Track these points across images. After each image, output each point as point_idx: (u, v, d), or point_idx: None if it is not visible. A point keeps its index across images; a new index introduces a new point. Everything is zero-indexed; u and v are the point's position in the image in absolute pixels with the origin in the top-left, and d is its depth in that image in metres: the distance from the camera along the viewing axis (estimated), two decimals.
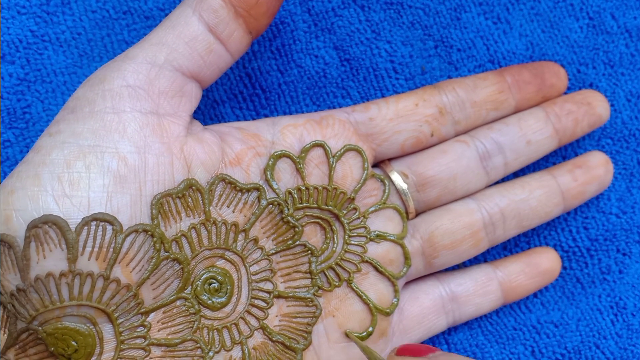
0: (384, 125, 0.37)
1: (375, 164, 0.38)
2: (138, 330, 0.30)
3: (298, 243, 0.34)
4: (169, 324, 0.31)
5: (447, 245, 0.37)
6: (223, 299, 0.32)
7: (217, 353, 0.32)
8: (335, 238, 0.35)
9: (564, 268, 0.42)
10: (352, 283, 0.35)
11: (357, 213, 0.35)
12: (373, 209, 0.36)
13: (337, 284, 0.35)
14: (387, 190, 0.36)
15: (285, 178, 0.34)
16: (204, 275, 0.32)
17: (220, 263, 0.33)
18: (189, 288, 0.31)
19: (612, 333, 0.42)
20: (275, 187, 0.34)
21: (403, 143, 0.37)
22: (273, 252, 0.34)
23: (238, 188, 0.33)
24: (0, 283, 0.28)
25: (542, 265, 0.40)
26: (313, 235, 0.35)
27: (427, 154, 0.38)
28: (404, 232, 0.36)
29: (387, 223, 0.36)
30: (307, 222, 0.35)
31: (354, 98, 0.41)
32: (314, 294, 0.34)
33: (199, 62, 0.32)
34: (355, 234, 0.35)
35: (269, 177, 0.34)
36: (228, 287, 0.32)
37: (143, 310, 0.30)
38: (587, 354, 0.41)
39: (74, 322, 0.29)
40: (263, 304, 0.33)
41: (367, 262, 0.35)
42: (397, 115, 0.37)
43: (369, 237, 0.35)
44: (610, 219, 0.42)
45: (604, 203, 0.42)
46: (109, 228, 0.29)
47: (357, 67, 0.40)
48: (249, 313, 0.33)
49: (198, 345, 0.31)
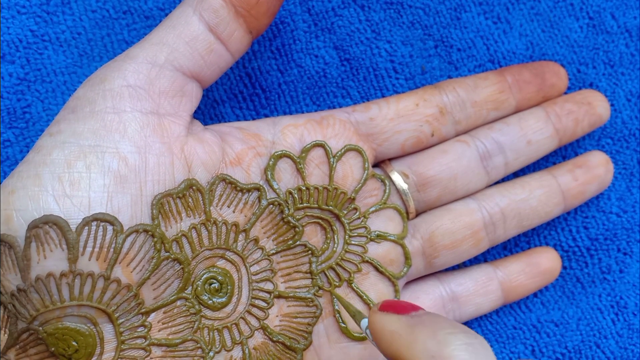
0: (385, 125, 0.36)
1: (376, 164, 0.38)
2: (138, 331, 0.30)
3: (298, 243, 0.34)
4: (170, 324, 0.31)
5: (447, 245, 0.37)
6: (223, 299, 0.32)
7: (217, 353, 0.32)
8: (336, 238, 0.35)
9: (564, 267, 0.42)
10: (352, 283, 0.35)
11: (357, 213, 0.35)
12: (373, 209, 0.36)
13: (337, 284, 0.35)
14: (387, 190, 0.36)
15: (286, 178, 0.34)
16: (205, 276, 0.32)
17: (221, 263, 0.33)
18: (190, 288, 0.31)
19: (612, 332, 0.42)
20: (276, 187, 0.34)
21: (403, 143, 0.37)
22: (273, 252, 0.34)
23: (238, 188, 0.33)
24: (1, 283, 0.28)
25: (542, 265, 0.40)
26: (313, 236, 0.35)
27: (427, 154, 0.38)
28: (405, 232, 0.36)
29: (387, 223, 0.36)
30: (307, 222, 0.35)
31: (354, 98, 0.41)
32: (315, 294, 0.34)
33: (200, 61, 0.32)
34: (356, 234, 0.35)
35: (270, 177, 0.34)
36: (228, 287, 0.32)
37: (143, 311, 0.30)
38: (587, 354, 0.41)
39: (75, 322, 0.29)
40: (263, 304, 0.33)
41: (367, 262, 0.35)
42: (397, 115, 0.37)
43: (370, 237, 0.35)
44: (611, 219, 0.42)
45: (604, 202, 0.42)
46: (110, 228, 0.29)
47: (357, 66, 0.40)
48: (250, 313, 0.33)
49: (198, 346, 0.31)
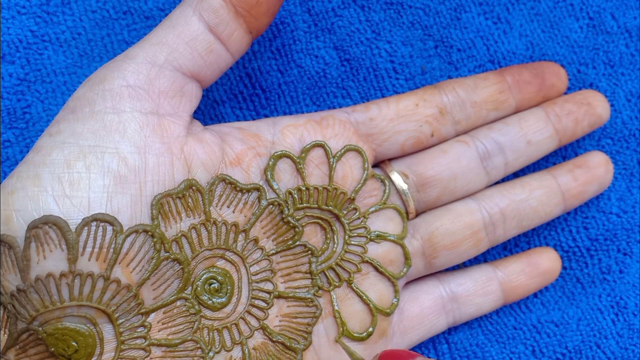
0: (385, 126, 0.36)
1: (376, 164, 0.38)
2: (138, 331, 0.30)
3: (298, 243, 0.34)
4: (169, 324, 0.31)
5: (447, 246, 0.37)
6: (223, 299, 0.32)
7: (217, 353, 0.32)
8: (336, 238, 0.35)
9: (564, 268, 0.42)
10: (352, 283, 0.35)
11: (357, 213, 0.35)
12: (373, 209, 0.36)
13: (337, 284, 0.35)
14: (387, 191, 0.36)
15: (286, 178, 0.34)
16: (204, 276, 0.32)
17: (221, 263, 0.32)
18: (189, 288, 0.31)
19: (612, 333, 0.41)
20: (276, 187, 0.34)
21: (403, 143, 0.37)
22: (273, 252, 0.34)
23: (238, 188, 0.33)
24: (1, 283, 0.28)
25: (542, 265, 0.40)
26: (313, 236, 0.35)
27: (427, 154, 0.38)
28: (404, 232, 0.36)
29: (387, 223, 0.36)
30: (307, 222, 0.35)
31: (354, 98, 0.41)
32: (314, 294, 0.34)
33: (199, 62, 0.32)
34: (356, 234, 0.35)
35: (269, 177, 0.34)
36: (228, 287, 0.32)
37: (143, 311, 0.30)
38: (587, 354, 0.41)
39: (74, 322, 0.29)
40: (263, 304, 0.33)
41: (367, 262, 0.35)
42: (397, 116, 0.37)
43: (369, 237, 0.35)
44: (611, 219, 0.42)
45: (604, 203, 0.42)
46: (109, 228, 0.29)
47: (357, 67, 0.40)
48: (249, 313, 0.33)
49: (198, 346, 0.31)
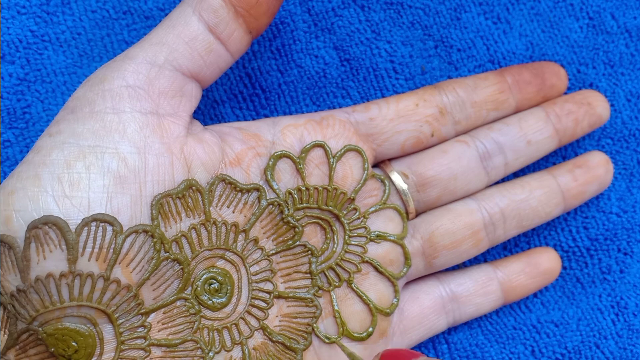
0: (385, 126, 0.36)
1: (376, 164, 0.38)
2: (138, 331, 0.30)
3: (298, 243, 0.34)
4: (169, 325, 0.31)
5: (447, 246, 0.37)
6: (223, 300, 0.32)
7: (217, 353, 0.32)
8: (336, 238, 0.35)
9: (564, 268, 0.42)
10: (352, 283, 0.35)
11: (357, 213, 0.35)
12: (373, 209, 0.36)
13: (337, 284, 0.35)
14: (387, 191, 0.36)
15: (286, 178, 0.34)
16: (204, 276, 0.32)
17: (221, 263, 0.32)
18: (189, 288, 0.31)
19: (612, 333, 0.41)
20: (276, 187, 0.34)
21: (403, 143, 0.37)
22: (273, 252, 0.34)
23: (238, 188, 0.33)
24: (1, 284, 0.28)
25: (542, 265, 0.40)
26: (313, 236, 0.35)
27: (427, 154, 0.38)
28: (404, 232, 0.36)
29: (387, 223, 0.36)
30: (307, 222, 0.35)
31: (354, 98, 0.41)
32: (314, 295, 0.34)
33: (199, 62, 0.32)
34: (356, 234, 0.35)
35: (269, 177, 0.34)
36: (228, 287, 0.32)
37: (143, 311, 0.30)
38: (587, 354, 0.41)
39: (74, 322, 0.29)
40: (263, 304, 0.33)
41: (367, 262, 0.35)
42: (397, 116, 0.37)
43: (369, 237, 0.35)
44: (611, 219, 0.42)
45: (604, 202, 0.42)
46: (109, 229, 0.29)
47: (357, 67, 0.40)
48: (249, 313, 0.33)
49: (198, 346, 0.31)
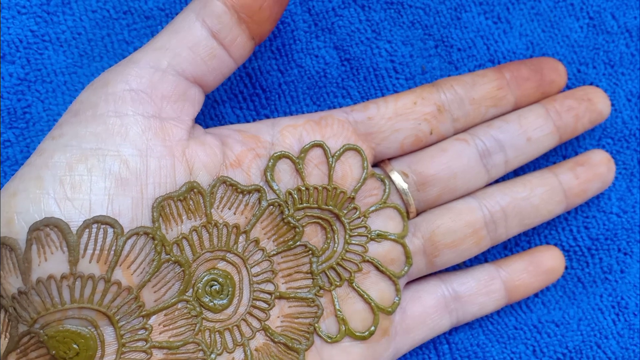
0: (383, 124, 0.36)
1: (375, 164, 0.38)
2: (139, 333, 0.30)
3: (299, 243, 0.34)
4: (171, 327, 0.31)
5: (448, 244, 0.37)
6: (224, 301, 0.32)
7: (219, 355, 0.32)
8: (336, 238, 0.35)
9: (565, 267, 0.42)
10: (353, 283, 0.35)
11: (357, 212, 0.35)
12: (373, 209, 0.36)
13: (338, 284, 0.35)
14: (387, 190, 0.36)
15: (285, 179, 0.34)
16: (206, 278, 0.32)
17: (222, 265, 0.32)
18: (190, 290, 0.31)
19: (613, 333, 0.41)
20: (276, 187, 0.34)
21: (402, 142, 0.37)
22: (274, 253, 0.34)
23: (239, 190, 0.33)
24: (2, 286, 0.28)
25: (545, 264, 0.40)
26: (314, 236, 0.35)
27: (426, 153, 0.38)
28: (405, 231, 0.36)
29: (387, 222, 0.36)
30: (307, 222, 0.35)
31: (355, 98, 0.41)
32: (316, 294, 0.34)
33: (202, 67, 0.32)
34: (356, 234, 0.35)
35: (269, 178, 0.34)
36: (229, 289, 0.32)
37: (144, 313, 0.30)
38: (588, 354, 0.41)
39: (76, 324, 0.29)
40: (265, 305, 0.33)
41: (368, 261, 0.35)
42: (395, 114, 0.37)
43: (370, 236, 0.35)
44: (611, 219, 0.42)
45: (605, 202, 0.42)
46: (110, 231, 0.29)
47: (357, 66, 0.40)
48: (251, 314, 0.33)
49: (200, 348, 0.31)
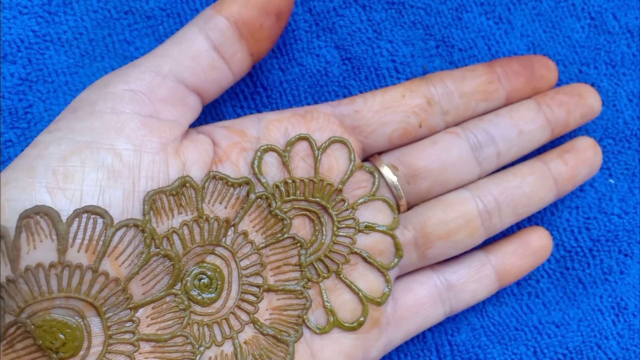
0: (370, 117, 0.36)
1: (365, 158, 0.38)
2: (127, 325, 0.30)
3: (287, 236, 0.34)
4: (159, 320, 0.31)
5: (441, 236, 0.37)
6: (213, 295, 0.32)
7: (208, 348, 0.32)
8: (324, 230, 0.35)
9: (566, 269, 0.42)
10: (341, 274, 0.35)
11: (345, 204, 0.35)
12: (362, 201, 0.36)
13: (326, 276, 0.35)
14: (376, 182, 0.36)
15: (273, 172, 0.34)
16: (194, 271, 0.32)
17: (211, 258, 0.33)
18: (179, 284, 0.32)
19: (613, 333, 0.41)
20: (263, 180, 0.34)
21: (390, 135, 0.37)
22: (263, 245, 0.34)
23: (230, 183, 0.33)
24: None
25: (533, 244, 0.40)
26: (302, 228, 0.35)
27: (416, 146, 0.38)
28: (395, 223, 0.36)
29: (376, 215, 0.36)
30: (295, 214, 0.35)
31: None
32: (304, 286, 0.34)
33: (202, 76, 0.33)
34: (344, 226, 0.35)
35: (257, 170, 0.34)
36: (218, 282, 0.32)
37: (132, 305, 0.30)
38: (588, 354, 0.41)
39: (63, 314, 0.29)
40: (253, 298, 0.33)
41: (356, 253, 0.35)
42: (383, 107, 0.37)
43: (358, 228, 0.35)
44: (612, 220, 0.42)
45: (606, 204, 0.42)
46: (100, 221, 0.29)
47: (358, 66, 0.40)
48: (240, 308, 0.33)
49: (188, 341, 0.31)
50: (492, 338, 0.41)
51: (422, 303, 0.37)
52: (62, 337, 0.29)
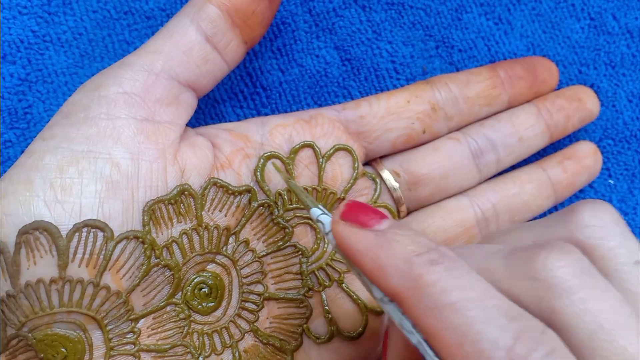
0: (375, 123, 0.36)
1: (367, 162, 0.38)
2: (127, 337, 0.30)
3: (289, 244, 0.34)
4: (159, 330, 0.31)
5: (440, 243, 0.37)
6: (213, 304, 0.32)
7: (207, 357, 0.32)
8: (326, 238, 0.35)
9: None
10: (342, 283, 0.35)
11: None
12: None
13: (327, 285, 0.35)
14: (378, 189, 0.36)
15: (276, 179, 0.34)
16: (195, 280, 0.32)
17: (211, 267, 0.32)
18: (179, 293, 0.31)
19: None
20: (266, 188, 0.34)
21: (394, 140, 0.37)
22: (264, 253, 0.34)
23: (230, 191, 0.33)
24: None
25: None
26: (304, 236, 0.35)
27: (419, 152, 0.37)
28: None
29: None
30: (297, 223, 0.34)
31: (356, 98, 0.40)
32: (305, 295, 0.34)
33: (196, 71, 0.32)
34: None
35: (259, 178, 0.33)
36: (218, 291, 0.32)
37: (133, 317, 0.30)
38: None
39: (64, 328, 0.29)
40: (254, 307, 0.33)
41: None
42: (388, 113, 0.36)
43: None
44: None
45: None
46: (100, 235, 0.29)
47: (358, 66, 0.40)
48: (240, 316, 0.33)
49: (188, 350, 0.31)
50: None
51: None
52: (63, 350, 0.29)
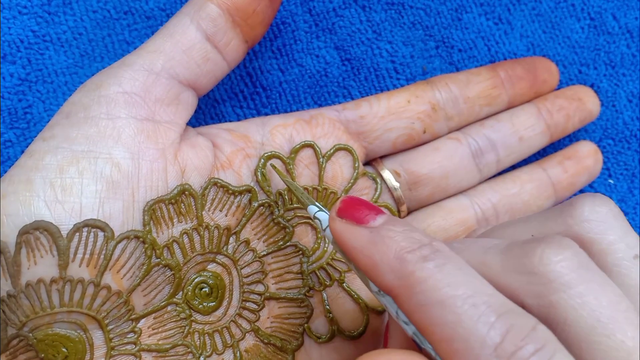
0: (375, 123, 0.36)
1: (367, 162, 0.38)
2: (128, 337, 0.30)
3: (289, 244, 0.34)
4: (160, 330, 0.31)
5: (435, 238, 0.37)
6: (214, 303, 0.32)
7: (208, 357, 0.32)
8: (323, 235, 0.35)
9: None
10: (343, 283, 0.35)
11: None
12: None
13: (328, 284, 0.35)
14: (378, 189, 0.36)
15: (276, 179, 0.34)
16: (195, 280, 0.32)
17: (212, 267, 0.32)
18: (180, 293, 0.31)
19: None
20: (267, 188, 0.34)
21: (395, 140, 0.37)
22: (265, 253, 0.34)
23: (230, 191, 0.33)
24: None
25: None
26: (304, 236, 0.35)
27: (419, 152, 0.38)
28: None
29: None
30: (298, 222, 0.34)
31: (355, 98, 0.40)
32: (306, 295, 0.34)
33: (196, 70, 0.32)
34: None
35: (260, 178, 0.33)
36: (219, 291, 0.32)
37: (134, 317, 0.30)
38: None
39: (65, 328, 0.29)
40: (254, 307, 0.33)
41: None
42: (388, 113, 0.37)
43: None
44: None
45: None
46: (101, 234, 0.29)
47: (358, 66, 0.40)
48: (241, 316, 0.33)
49: (189, 350, 0.31)
50: None
51: None
52: (64, 350, 0.29)
